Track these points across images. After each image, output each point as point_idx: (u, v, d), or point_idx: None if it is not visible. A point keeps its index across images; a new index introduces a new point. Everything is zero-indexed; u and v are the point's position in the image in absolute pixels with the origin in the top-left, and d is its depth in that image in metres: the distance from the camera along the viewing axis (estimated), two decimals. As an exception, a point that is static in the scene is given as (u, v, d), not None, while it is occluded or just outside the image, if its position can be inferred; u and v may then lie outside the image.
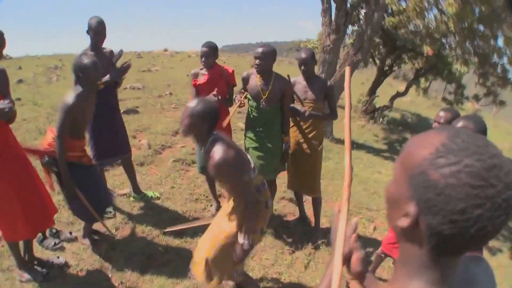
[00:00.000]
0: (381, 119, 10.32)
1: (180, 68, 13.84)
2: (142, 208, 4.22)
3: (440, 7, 4.60)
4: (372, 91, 10.54)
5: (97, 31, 3.69)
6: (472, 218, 0.65)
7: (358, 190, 6.12)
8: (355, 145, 8.27)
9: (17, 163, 2.90)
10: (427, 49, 7.32)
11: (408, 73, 11.92)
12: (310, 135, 3.92)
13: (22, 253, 3.25)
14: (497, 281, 1.27)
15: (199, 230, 3.90)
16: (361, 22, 7.91)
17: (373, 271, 3.75)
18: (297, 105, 3.82)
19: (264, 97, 3.62)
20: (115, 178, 4.73)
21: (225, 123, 3.70)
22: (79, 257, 3.37)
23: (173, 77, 11.82)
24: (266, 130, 3.77)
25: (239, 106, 3.73)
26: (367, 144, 8.74)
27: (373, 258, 3.76)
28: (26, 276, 3.06)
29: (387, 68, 10.43)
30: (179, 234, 3.83)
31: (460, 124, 2.36)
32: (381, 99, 11.15)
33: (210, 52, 3.77)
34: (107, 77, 3.59)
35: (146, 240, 3.69)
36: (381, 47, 9.58)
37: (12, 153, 2.86)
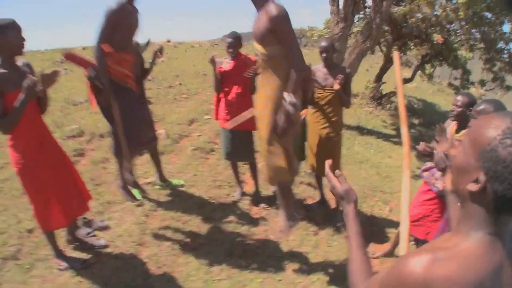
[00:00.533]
0: (388, 105, 10.43)
1: (185, 58, 13.88)
2: (168, 196, 4.39)
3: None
4: (379, 78, 10.64)
5: None
6: None
7: (371, 174, 6.29)
8: (365, 131, 8.43)
9: (53, 151, 3.04)
10: (437, 37, 7.44)
11: (411, 59, 11.98)
12: (332, 120, 4.09)
13: (67, 237, 3.44)
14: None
15: (226, 213, 4.11)
16: (369, 10, 7.99)
17: (393, 249, 3.95)
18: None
19: None
20: (137, 168, 4.88)
21: (232, 125, 3.88)
22: (114, 244, 3.53)
23: (180, 68, 11.89)
24: None
25: None
26: (376, 130, 8.88)
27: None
28: (64, 264, 3.17)
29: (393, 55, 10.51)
30: (208, 219, 4.01)
31: (481, 107, 2.54)
32: (386, 85, 11.25)
33: (236, 42, 3.98)
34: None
35: (177, 226, 3.86)
36: (387, 34, 9.64)
37: (48, 141, 3.00)
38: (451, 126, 3.34)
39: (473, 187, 0.92)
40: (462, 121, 3.11)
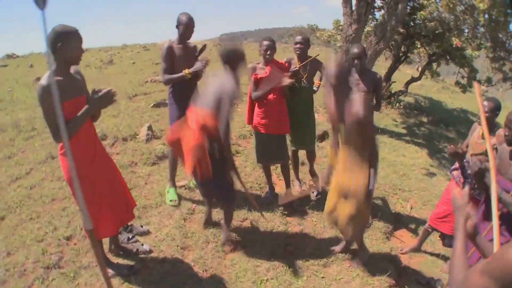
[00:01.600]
0: (397, 104, 10.55)
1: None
2: (202, 199, 4.43)
3: (470, 2, 4.86)
4: (387, 77, 10.76)
5: (188, 26, 3.93)
6: None
7: (388, 173, 6.39)
8: (379, 130, 8.53)
9: (104, 160, 3.02)
10: (456, 41, 7.60)
11: (415, 58, 12.13)
12: None
13: (108, 245, 3.46)
14: None
15: (269, 218, 4.20)
16: (383, 11, 8.08)
17: (420, 244, 4.08)
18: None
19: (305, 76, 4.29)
20: (167, 171, 4.93)
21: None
22: (158, 248, 3.59)
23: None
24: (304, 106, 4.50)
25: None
26: (388, 129, 8.99)
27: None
28: (111, 271, 3.16)
29: (401, 54, 10.62)
30: (245, 220, 4.12)
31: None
32: (395, 85, 11.38)
33: (273, 45, 4.03)
34: (193, 68, 3.89)
35: (217, 228, 3.93)
36: (396, 35, 9.78)
37: (100, 150, 2.99)
38: (477, 130, 3.46)
39: None
40: (489, 125, 3.23)
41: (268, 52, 3.98)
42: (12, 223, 3.84)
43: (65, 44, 2.48)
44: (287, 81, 3.87)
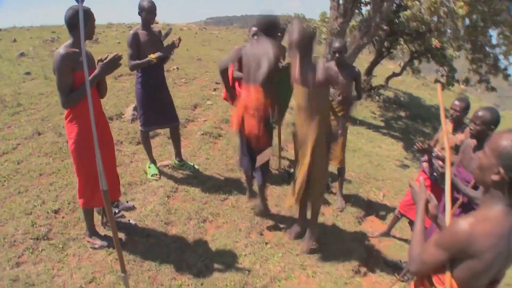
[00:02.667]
0: (377, 97, 10.87)
1: (176, 41, 13.92)
2: (186, 178, 4.65)
3: (451, 7, 5.15)
4: (369, 71, 11.05)
5: (150, 11, 4.06)
6: None
7: (364, 162, 6.70)
8: (358, 121, 8.83)
9: (106, 133, 3.25)
10: (435, 42, 7.94)
11: (398, 54, 12.45)
12: (339, 114, 4.44)
13: (100, 219, 3.65)
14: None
15: (241, 194, 4.44)
16: (368, 7, 8.31)
17: (389, 230, 4.39)
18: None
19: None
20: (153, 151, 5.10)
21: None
22: (143, 223, 3.78)
23: (174, 52, 11.98)
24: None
25: None
26: (367, 121, 9.30)
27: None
28: (98, 242, 3.35)
29: (384, 50, 10.91)
30: (225, 200, 4.33)
31: (480, 113, 2.96)
32: (376, 79, 11.69)
33: None
34: (158, 53, 4.05)
35: (198, 206, 4.15)
36: (379, 31, 10.04)
37: (102, 122, 3.21)
38: (447, 125, 3.75)
39: (495, 177, 1.43)
40: (458, 123, 3.55)
41: (255, 37, 4.16)
42: (0, 196, 3.96)
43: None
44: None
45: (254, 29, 4.47)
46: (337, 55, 4.27)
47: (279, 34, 4.61)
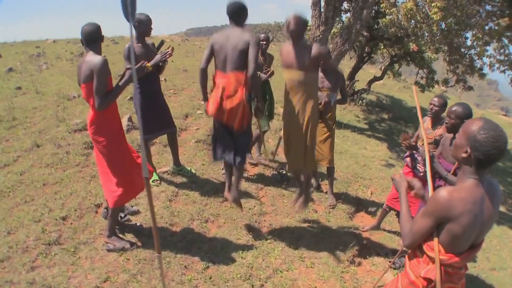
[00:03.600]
0: (360, 101, 11.24)
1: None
2: (185, 183, 4.87)
3: (426, 13, 5.53)
4: (351, 76, 11.43)
5: (147, 24, 4.31)
6: (491, 154, 1.68)
7: (351, 163, 7.01)
8: (343, 125, 9.16)
9: (124, 133, 3.53)
10: (413, 46, 8.37)
11: (378, 58, 12.90)
12: (326, 117, 4.74)
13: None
14: None
15: (239, 196, 4.67)
16: (349, 15, 8.68)
17: (379, 223, 4.68)
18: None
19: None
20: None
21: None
22: (149, 225, 3.98)
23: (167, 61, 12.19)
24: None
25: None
26: (351, 124, 9.64)
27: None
28: (117, 244, 3.55)
29: (365, 55, 11.32)
30: (224, 202, 4.56)
31: (454, 108, 3.29)
32: (358, 83, 12.08)
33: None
34: (153, 61, 4.20)
35: (199, 207, 4.38)
36: (360, 36, 10.44)
37: (122, 127, 3.47)
38: (427, 122, 4.07)
39: (464, 155, 1.76)
40: (437, 118, 3.88)
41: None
42: (7, 205, 4.11)
43: (102, 35, 3.18)
44: (264, 76, 4.66)
45: (262, 36, 5.11)
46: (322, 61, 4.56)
47: (264, 42, 5.02)
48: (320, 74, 4.65)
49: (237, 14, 3.52)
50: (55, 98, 7.69)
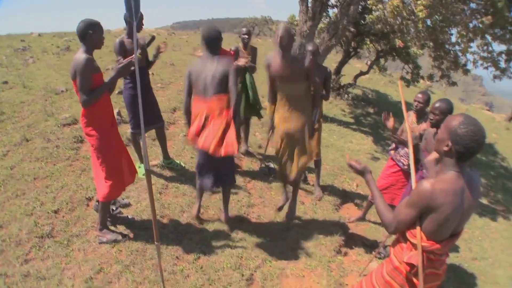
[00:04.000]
0: (346, 96, 11.39)
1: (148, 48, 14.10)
2: (174, 176, 4.96)
3: (412, 10, 5.68)
4: (338, 71, 11.57)
5: (139, 20, 4.35)
6: (471, 147, 1.82)
7: (337, 156, 7.16)
8: (329, 119, 9.30)
9: (116, 127, 3.61)
10: (398, 42, 8.54)
11: (365, 53, 13.06)
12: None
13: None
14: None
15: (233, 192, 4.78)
16: (336, 11, 8.81)
17: (364, 214, 4.83)
18: None
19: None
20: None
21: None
22: (140, 218, 4.08)
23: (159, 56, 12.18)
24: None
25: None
26: (337, 118, 9.79)
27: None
28: (109, 237, 3.63)
29: (351, 50, 11.46)
30: (215, 193, 4.66)
31: (437, 104, 3.45)
32: (344, 78, 12.24)
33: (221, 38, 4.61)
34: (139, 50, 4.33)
35: (189, 200, 4.48)
36: (347, 32, 10.58)
37: (114, 118, 3.56)
38: (411, 116, 4.22)
39: (446, 148, 1.89)
40: (421, 113, 4.03)
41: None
42: (-1, 200, 4.15)
43: (94, 32, 3.16)
44: (242, 61, 4.62)
45: (244, 29, 5.29)
46: (311, 57, 4.67)
47: (247, 36, 5.26)
48: None
49: (214, 43, 3.60)
50: (42, 93, 7.64)
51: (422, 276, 1.99)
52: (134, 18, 2.45)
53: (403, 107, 2.79)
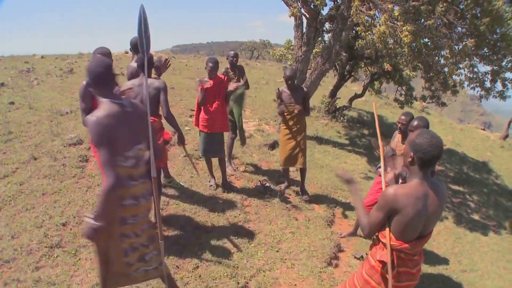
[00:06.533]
0: (341, 118, 11.72)
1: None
2: (175, 194, 5.25)
3: (398, 36, 6.09)
4: (333, 94, 11.95)
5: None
6: (428, 152, 2.12)
7: (330, 176, 7.42)
8: (324, 140, 9.61)
9: None
10: (387, 66, 8.97)
11: (361, 76, 13.47)
12: (296, 128, 5.47)
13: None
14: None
15: (225, 206, 5.04)
16: (329, 36, 9.23)
17: (355, 230, 5.10)
18: (283, 106, 5.45)
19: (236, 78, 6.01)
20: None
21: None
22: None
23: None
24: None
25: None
26: (332, 140, 10.09)
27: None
28: None
29: (346, 73, 11.87)
30: (212, 210, 4.94)
31: (415, 123, 3.79)
32: (340, 100, 12.60)
33: (216, 66, 5.11)
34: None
35: (189, 216, 4.76)
36: (340, 56, 10.99)
37: None
38: (397, 136, 4.54)
39: (409, 159, 2.19)
40: (405, 133, 4.35)
41: (213, 72, 5.09)
42: (9, 213, 4.42)
43: None
44: (233, 86, 5.32)
45: (232, 53, 5.78)
46: (289, 82, 5.34)
47: (234, 58, 5.89)
48: (288, 92, 5.41)
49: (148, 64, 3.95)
50: (48, 113, 7.95)
51: (391, 271, 2.26)
52: (145, 53, 2.78)
53: (378, 130, 3.10)
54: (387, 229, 2.27)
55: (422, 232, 2.29)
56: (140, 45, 2.85)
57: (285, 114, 5.46)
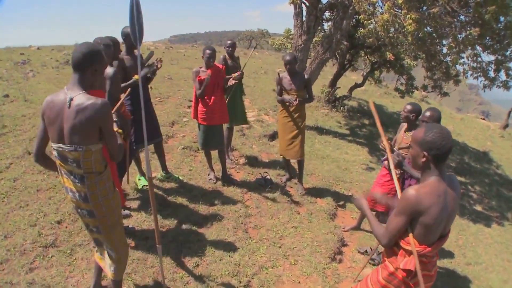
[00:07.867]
0: (341, 108, 11.57)
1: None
2: (174, 189, 5.11)
3: (401, 24, 5.91)
4: (333, 83, 11.78)
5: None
6: (443, 146, 1.99)
7: (332, 167, 7.30)
8: (324, 131, 9.47)
9: None
10: (389, 55, 8.79)
11: (361, 65, 13.30)
12: (295, 116, 5.24)
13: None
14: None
15: (225, 200, 4.92)
16: (329, 24, 9.04)
17: (359, 223, 4.98)
18: (285, 96, 5.23)
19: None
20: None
21: None
22: (140, 228, 4.22)
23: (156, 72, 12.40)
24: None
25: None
26: (333, 130, 9.96)
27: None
28: None
29: (346, 62, 11.69)
30: (211, 205, 4.81)
31: (427, 113, 3.61)
32: (340, 90, 12.44)
33: (214, 54, 4.95)
34: (142, 72, 4.43)
35: (188, 211, 4.61)
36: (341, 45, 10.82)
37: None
38: (404, 127, 4.39)
39: (423, 159, 2.04)
40: (410, 123, 4.19)
41: (211, 60, 4.91)
42: (2, 211, 4.26)
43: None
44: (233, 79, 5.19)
45: (229, 42, 5.82)
46: (288, 66, 5.12)
47: (230, 48, 5.82)
48: (288, 78, 5.21)
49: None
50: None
51: (422, 279, 2.12)
52: (138, 43, 2.61)
53: (378, 126, 2.95)
54: (410, 234, 2.11)
55: (442, 231, 2.16)
56: (132, 33, 2.67)
57: (286, 102, 5.28)
